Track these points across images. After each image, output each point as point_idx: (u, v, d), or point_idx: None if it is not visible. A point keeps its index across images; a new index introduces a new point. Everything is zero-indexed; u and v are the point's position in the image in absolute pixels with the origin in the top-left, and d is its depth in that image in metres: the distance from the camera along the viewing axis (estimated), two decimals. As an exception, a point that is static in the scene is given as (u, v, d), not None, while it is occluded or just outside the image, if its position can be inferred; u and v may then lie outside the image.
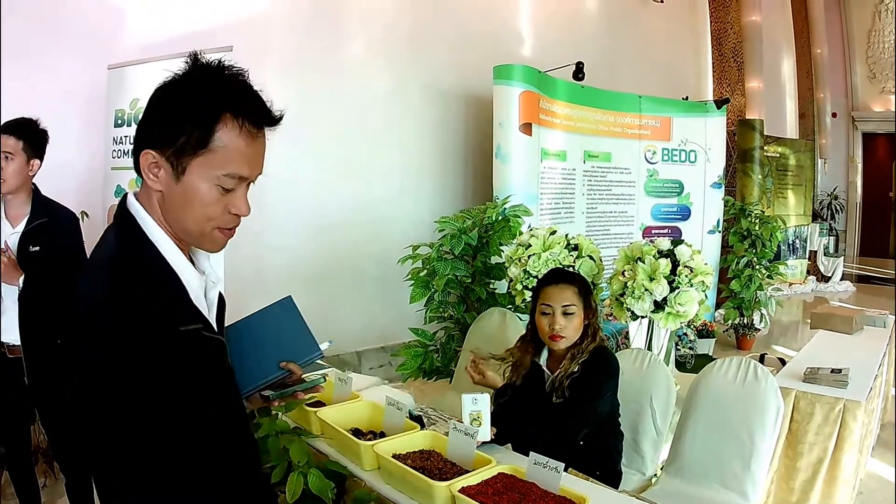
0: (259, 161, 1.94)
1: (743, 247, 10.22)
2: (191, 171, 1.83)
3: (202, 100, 1.82)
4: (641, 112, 10.04)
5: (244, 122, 1.85)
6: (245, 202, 1.94)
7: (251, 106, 1.89)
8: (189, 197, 1.85)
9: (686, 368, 8.67)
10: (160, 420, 1.69)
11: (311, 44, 8.31)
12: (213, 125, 1.81)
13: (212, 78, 1.87)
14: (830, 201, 21.48)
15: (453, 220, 6.45)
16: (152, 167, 1.85)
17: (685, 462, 4.13)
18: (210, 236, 1.94)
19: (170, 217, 1.89)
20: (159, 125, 1.85)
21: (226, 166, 1.84)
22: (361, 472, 3.26)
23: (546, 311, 3.87)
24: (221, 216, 1.91)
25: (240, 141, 1.85)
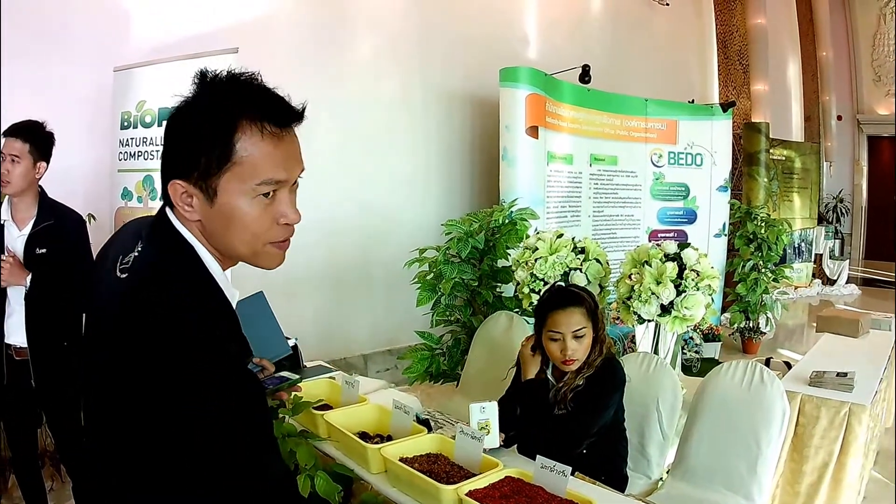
0: (294, 161, 1.85)
1: (749, 250, 10.20)
2: (223, 190, 1.73)
3: (215, 113, 1.73)
4: (647, 115, 10.05)
5: (264, 125, 1.74)
6: (292, 208, 1.85)
7: (268, 106, 1.78)
8: (229, 218, 1.76)
9: (692, 372, 8.67)
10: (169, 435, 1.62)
11: (316, 47, 8.33)
12: (231, 136, 1.71)
13: (221, 88, 1.77)
14: (836, 204, 21.45)
15: (460, 224, 6.45)
16: (184, 197, 1.75)
17: (691, 465, 4.14)
18: (264, 254, 1.85)
19: (216, 243, 1.81)
20: (178, 152, 1.77)
21: (257, 175, 1.74)
22: (368, 475, 3.27)
23: (555, 338, 3.78)
24: (270, 230, 1.82)
25: (265, 145, 1.75)
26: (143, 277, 1.74)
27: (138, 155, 5.88)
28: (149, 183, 5.81)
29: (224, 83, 1.77)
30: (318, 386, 4.11)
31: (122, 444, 1.72)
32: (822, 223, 18.02)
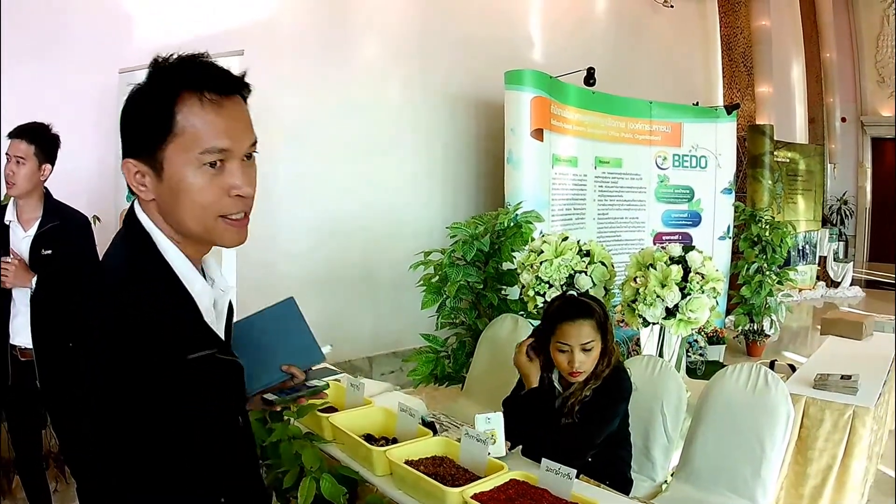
0: (240, 130, 1.78)
1: (753, 253, 10.20)
2: (168, 162, 1.71)
3: (156, 87, 1.73)
4: (652, 118, 10.06)
5: (204, 93, 1.72)
6: (244, 179, 1.77)
7: (208, 75, 1.76)
8: (176, 191, 1.73)
9: (696, 375, 8.67)
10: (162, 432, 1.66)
11: (321, 50, 8.34)
12: (172, 107, 1.70)
13: (165, 66, 1.77)
14: (840, 206, 21.44)
15: (465, 227, 6.45)
16: (137, 177, 1.75)
17: (696, 468, 4.14)
18: (216, 229, 1.78)
19: (169, 219, 1.78)
20: (127, 132, 1.77)
21: (200, 143, 1.70)
22: (373, 477, 3.28)
23: (563, 349, 3.73)
24: (219, 201, 1.75)
25: (206, 113, 1.71)
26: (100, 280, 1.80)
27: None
28: (154, 185, 5.82)
29: (168, 63, 1.77)
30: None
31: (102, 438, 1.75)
32: (826, 225, 18.01)
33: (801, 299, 15.40)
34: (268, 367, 2.31)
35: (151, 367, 1.61)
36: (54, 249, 4.41)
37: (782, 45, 16.86)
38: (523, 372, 3.90)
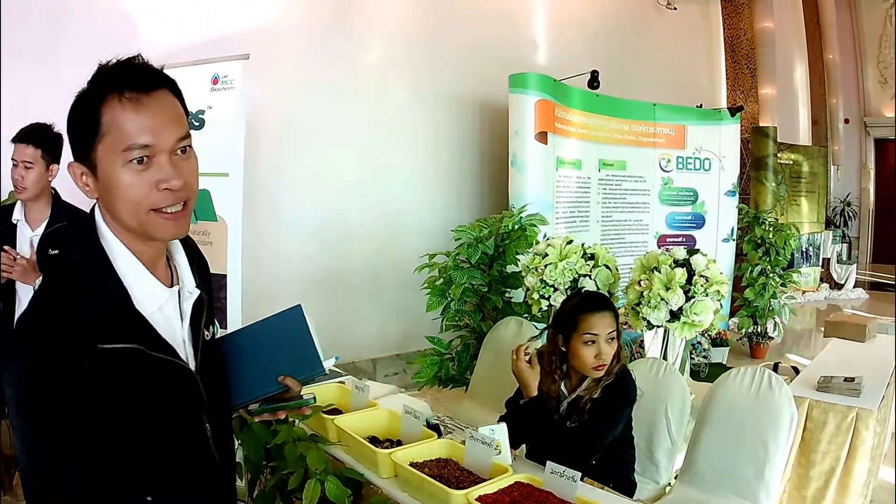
0: (164, 124, 1.80)
1: (757, 255, 10.20)
2: (100, 162, 1.76)
3: (87, 92, 1.81)
4: (656, 120, 10.08)
5: (123, 93, 1.76)
6: (172, 173, 1.80)
7: (125, 74, 1.81)
8: (109, 189, 1.78)
9: (700, 377, 8.66)
10: (89, 431, 1.65)
11: (327, 54, 8.35)
12: (97, 109, 1.76)
13: (97, 71, 1.83)
14: (843, 208, 21.41)
15: (470, 229, 6.46)
16: (82, 178, 1.82)
17: (699, 471, 4.15)
18: (150, 223, 1.80)
19: (110, 216, 1.83)
20: (69, 137, 1.84)
21: (123, 141, 1.74)
22: (378, 479, 3.29)
23: (591, 341, 3.72)
24: (148, 196, 1.78)
25: (126, 111, 1.75)
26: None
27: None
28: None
29: (102, 66, 1.83)
30: (328, 390, 4.13)
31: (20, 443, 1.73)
32: (830, 227, 18.00)
33: (804, 301, 15.39)
34: (263, 377, 2.25)
35: (63, 355, 1.64)
36: (62, 249, 4.40)
37: (785, 46, 16.85)
38: (523, 379, 3.84)
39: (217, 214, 5.49)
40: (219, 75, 5.57)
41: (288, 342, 2.29)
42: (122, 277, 1.80)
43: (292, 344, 2.26)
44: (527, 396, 3.81)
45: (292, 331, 2.28)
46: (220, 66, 5.59)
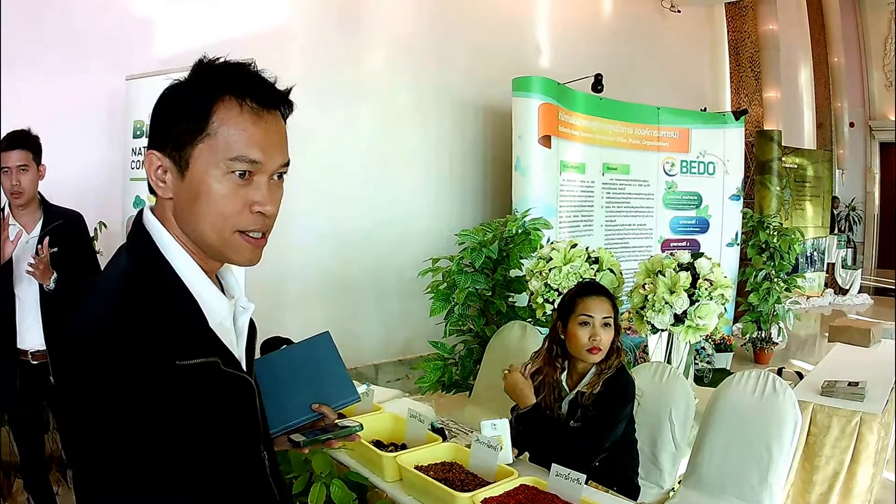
0: (275, 145, 1.70)
1: (761, 259, 10.20)
2: (194, 161, 1.62)
3: (198, 84, 1.67)
4: (660, 124, 10.08)
5: (245, 100, 1.64)
6: (267, 195, 1.68)
7: (252, 83, 1.68)
8: (197, 192, 1.63)
9: (704, 382, 8.65)
10: (164, 453, 1.50)
11: (331, 58, 8.37)
12: (209, 106, 1.62)
13: (209, 65, 1.69)
14: (848, 213, 21.39)
15: (473, 233, 6.47)
16: (158, 172, 1.65)
17: (703, 475, 4.15)
18: (231, 242, 1.67)
19: (183, 223, 1.67)
20: (158, 124, 1.69)
21: (231, 149, 1.61)
22: (383, 483, 3.30)
23: (586, 322, 3.79)
24: (240, 214, 1.65)
25: (243, 120, 1.63)
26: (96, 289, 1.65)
27: (147, 172, 5.90)
28: (161, 191, 5.83)
29: (213, 62, 1.70)
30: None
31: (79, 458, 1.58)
32: (835, 232, 17.99)
33: (808, 307, 15.37)
34: (297, 405, 2.17)
35: (142, 374, 1.47)
36: (60, 247, 4.49)
37: (790, 49, 16.85)
38: (517, 393, 3.82)
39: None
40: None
41: (318, 369, 2.24)
42: (189, 287, 1.66)
43: (323, 371, 2.17)
44: (523, 408, 3.80)
45: (322, 357, 2.20)
46: (223, 71, 5.60)
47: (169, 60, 6.46)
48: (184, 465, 1.53)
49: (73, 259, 4.53)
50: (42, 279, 4.34)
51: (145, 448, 1.47)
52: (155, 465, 1.49)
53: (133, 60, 6.47)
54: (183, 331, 1.58)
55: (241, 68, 1.69)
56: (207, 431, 1.58)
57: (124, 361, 1.45)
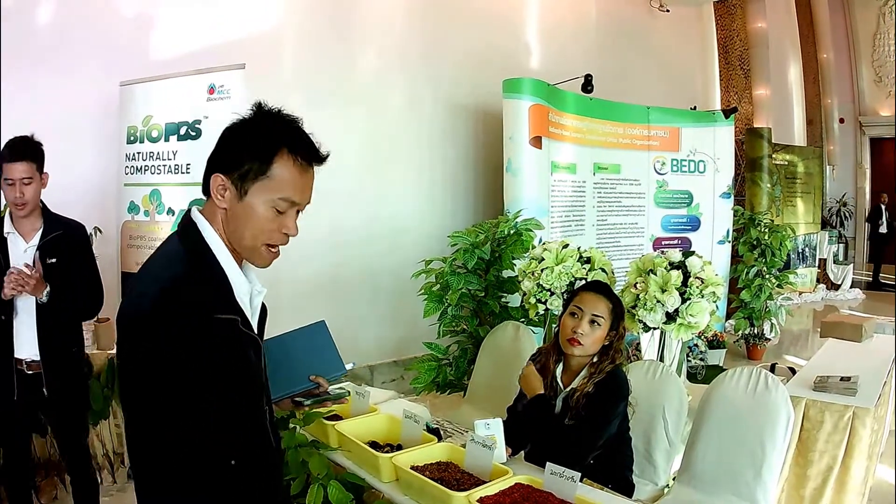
0: (308, 191, 2.28)
1: (752, 256, 10.23)
2: (252, 193, 2.17)
3: (265, 135, 2.19)
4: (650, 123, 10.08)
5: (297, 157, 2.19)
6: (294, 224, 2.26)
7: (304, 144, 2.22)
8: (249, 214, 2.18)
9: (697, 379, 8.67)
10: (185, 403, 2.02)
11: (323, 61, 8.38)
12: (272, 157, 2.16)
13: (272, 119, 2.23)
14: (839, 208, 21.43)
15: (466, 235, 6.49)
16: (220, 188, 2.19)
17: (697, 471, 4.17)
18: (259, 251, 2.25)
19: (230, 230, 2.23)
20: (228, 155, 2.21)
21: (281, 191, 2.18)
22: (380, 483, 3.31)
23: (574, 313, 3.87)
24: (273, 233, 2.23)
25: (293, 171, 2.20)
26: (152, 261, 2.26)
27: (145, 169, 5.89)
28: (156, 197, 5.83)
29: (275, 116, 2.25)
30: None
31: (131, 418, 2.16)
32: (826, 227, 18.02)
33: (801, 302, 15.41)
34: (298, 376, 2.81)
35: (194, 322, 2.02)
36: (59, 258, 4.46)
37: (779, 47, 16.89)
38: (527, 382, 3.94)
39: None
40: (214, 85, 5.60)
41: (316, 348, 2.89)
42: (223, 267, 2.22)
43: (319, 350, 2.97)
44: (530, 396, 3.86)
45: (318, 340, 2.80)
46: (215, 76, 5.62)
47: (163, 66, 6.48)
48: (210, 405, 2.05)
49: (71, 270, 4.50)
50: (35, 293, 4.31)
51: (188, 388, 2.01)
52: (191, 403, 2.03)
53: (127, 66, 6.47)
54: (218, 295, 2.16)
55: (297, 127, 2.26)
56: (228, 376, 2.10)
57: (184, 313, 2.01)
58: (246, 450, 2.20)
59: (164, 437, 2.05)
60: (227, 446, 2.12)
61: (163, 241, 2.31)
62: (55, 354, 4.49)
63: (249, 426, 2.24)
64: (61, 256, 4.48)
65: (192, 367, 2.00)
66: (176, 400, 2.02)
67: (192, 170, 5.66)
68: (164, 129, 5.78)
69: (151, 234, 5.82)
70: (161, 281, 2.08)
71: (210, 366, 2.03)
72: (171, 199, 5.75)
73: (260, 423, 2.30)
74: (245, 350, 2.20)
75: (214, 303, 2.11)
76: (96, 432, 5.85)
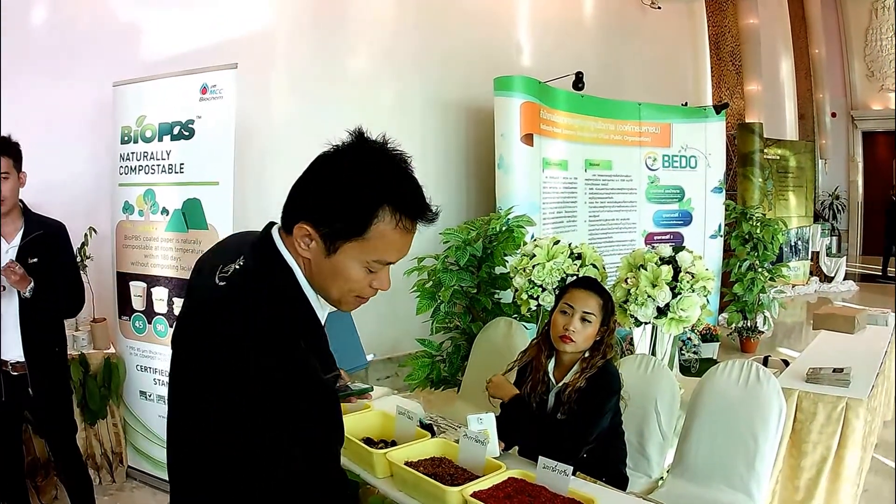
0: (407, 248, 2.04)
1: (745, 250, 10.27)
2: (343, 251, 1.95)
3: (364, 190, 1.93)
4: (641, 119, 10.09)
5: (402, 218, 1.95)
6: (388, 280, 2.07)
7: (411, 202, 1.99)
8: (337, 273, 1.98)
9: (691, 373, 8.70)
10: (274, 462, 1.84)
11: (315, 59, 8.38)
12: (371, 216, 1.92)
13: (375, 164, 1.97)
14: (832, 201, 21.49)
15: (458, 232, 6.50)
16: (304, 238, 1.95)
17: (691, 464, 4.20)
18: (347, 300, 2.07)
19: (315, 282, 2.02)
20: (319, 203, 1.96)
21: (378, 254, 1.97)
22: (374, 479, 3.34)
23: (565, 311, 3.87)
24: (363, 289, 2.04)
25: (395, 234, 1.96)
26: (237, 284, 1.98)
27: (139, 169, 5.88)
28: (150, 197, 5.82)
29: (378, 158, 1.99)
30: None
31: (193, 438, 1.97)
32: (819, 221, 18.07)
33: (794, 295, 15.46)
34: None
35: (300, 351, 1.90)
36: (40, 257, 4.46)
37: (770, 42, 16.92)
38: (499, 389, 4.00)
39: (207, 223, 5.54)
40: (207, 85, 5.60)
41: (336, 338, 2.54)
42: (314, 307, 2.05)
43: (340, 339, 2.55)
44: (506, 400, 3.92)
45: (340, 328, 2.56)
46: (208, 76, 5.62)
47: (156, 66, 6.48)
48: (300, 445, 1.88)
49: (52, 269, 4.50)
50: (19, 286, 4.32)
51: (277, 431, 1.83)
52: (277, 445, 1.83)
53: (120, 66, 6.45)
54: (319, 344, 2.10)
55: (404, 176, 2.01)
56: (318, 396, 1.96)
57: (281, 355, 1.85)
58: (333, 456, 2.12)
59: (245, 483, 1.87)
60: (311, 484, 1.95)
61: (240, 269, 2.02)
62: (40, 355, 4.51)
63: (335, 439, 2.12)
64: (42, 256, 4.48)
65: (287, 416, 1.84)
66: (260, 441, 1.83)
67: (185, 169, 5.65)
68: (158, 128, 5.77)
69: (146, 233, 5.82)
70: (260, 326, 1.88)
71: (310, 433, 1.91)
72: (164, 198, 5.74)
73: (336, 454, 2.16)
74: (336, 406, 2.11)
75: (323, 361, 2.05)
76: (94, 432, 5.87)
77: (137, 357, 5.92)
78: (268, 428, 1.81)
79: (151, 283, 5.82)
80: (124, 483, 5.99)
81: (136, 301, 5.90)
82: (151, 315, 5.83)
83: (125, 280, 5.97)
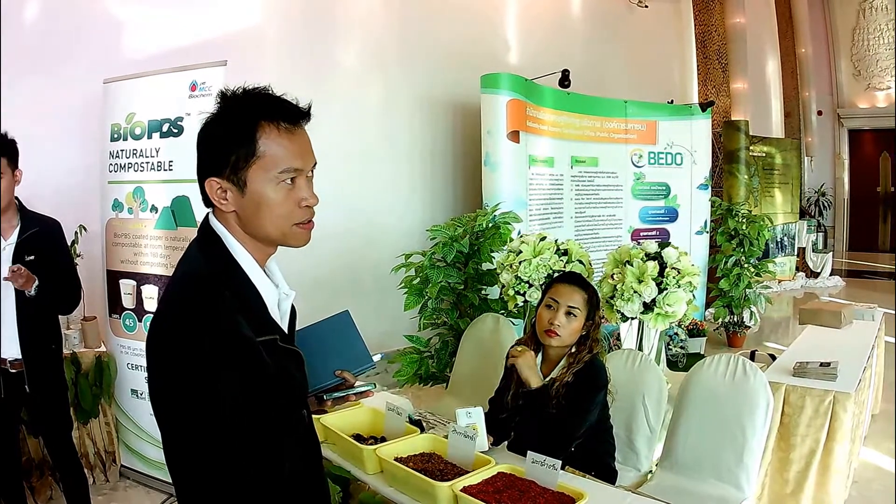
0: (307, 152, 2.11)
1: (731, 246, 10.32)
2: (251, 181, 2.02)
3: (239, 118, 2.03)
4: (627, 116, 10.11)
5: (280, 123, 2.03)
6: (310, 192, 2.10)
7: (281, 107, 2.06)
8: (258, 204, 2.03)
9: (678, 367, 8.73)
10: (228, 429, 1.87)
11: (303, 57, 8.39)
12: (254, 134, 2.00)
13: (240, 99, 2.07)
14: (818, 198, 21.56)
15: (445, 229, 6.51)
16: (219, 192, 2.04)
17: (679, 457, 4.22)
18: (291, 233, 2.10)
19: (250, 229, 2.08)
20: (210, 154, 2.06)
21: (278, 164, 2.02)
22: (365, 475, 3.36)
23: (550, 305, 3.89)
24: (294, 211, 2.07)
25: (282, 139, 2.03)
26: (176, 271, 2.10)
27: (129, 167, 5.87)
28: (139, 194, 5.80)
29: (242, 95, 2.08)
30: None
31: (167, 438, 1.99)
32: (805, 217, 18.13)
33: (781, 290, 15.51)
34: (324, 372, 2.58)
35: (227, 352, 1.87)
36: (37, 255, 4.45)
37: (757, 41, 16.96)
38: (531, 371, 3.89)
39: (196, 220, 5.51)
40: (196, 82, 5.59)
41: (340, 341, 2.68)
42: (253, 281, 2.09)
43: (345, 342, 2.66)
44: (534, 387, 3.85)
45: (343, 331, 2.61)
46: (197, 73, 5.60)
47: (145, 63, 6.47)
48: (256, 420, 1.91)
49: (50, 266, 4.48)
50: (25, 286, 4.30)
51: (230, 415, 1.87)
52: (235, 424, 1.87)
53: (110, 63, 6.44)
54: (255, 313, 2.03)
55: (268, 97, 2.09)
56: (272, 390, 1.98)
57: (221, 343, 1.87)
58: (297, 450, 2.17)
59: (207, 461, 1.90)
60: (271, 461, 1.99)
61: (183, 254, 2.14)
62: (37, 352, 4.50)
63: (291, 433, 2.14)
64: (39, 254, 4.46)
65: (236, 395, 1.87)
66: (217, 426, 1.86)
67: (174, 166, 5.63)
68: (147, 126, 5.75)
69: (136, 231, 5.80)
70: (195, 310, 1.92)
71: (254, 391, 1.91)
72: (154, 196, 5.72)
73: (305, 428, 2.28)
74: (287, 366, 2.11)
75: (255, 328, 1.98)
76: (87, 431, 5.85)
77: (128, 355, 5.91)
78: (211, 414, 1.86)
79: (141, 281, 5.80)
80: (118, 482, 5.98)
81: (126, 299, 5.89)
82: (142, 313, 5.81)
83: (115, 278, 5.95)
